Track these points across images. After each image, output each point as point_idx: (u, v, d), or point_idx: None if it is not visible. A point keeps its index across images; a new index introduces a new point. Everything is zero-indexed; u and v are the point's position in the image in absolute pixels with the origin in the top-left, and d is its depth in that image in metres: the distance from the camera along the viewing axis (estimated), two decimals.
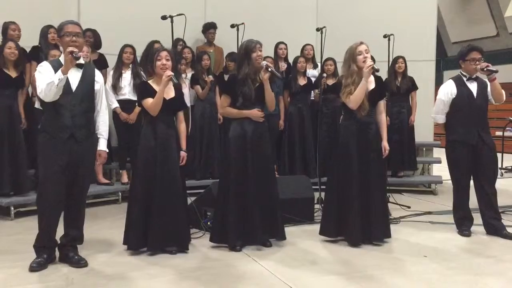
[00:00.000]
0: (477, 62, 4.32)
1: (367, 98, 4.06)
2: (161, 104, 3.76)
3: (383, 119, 4.22)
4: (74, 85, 3.40)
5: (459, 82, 4.43)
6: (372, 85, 4.12)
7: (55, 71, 3.31)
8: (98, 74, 3.59)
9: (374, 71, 4.00)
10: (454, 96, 4.38)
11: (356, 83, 4.04)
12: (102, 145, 3.61)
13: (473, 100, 4.36)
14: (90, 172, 3.62)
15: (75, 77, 3.41)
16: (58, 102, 3.33)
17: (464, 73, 4.44)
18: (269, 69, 3.88)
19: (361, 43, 4.10)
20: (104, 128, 3.61)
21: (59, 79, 3.22)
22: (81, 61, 3.45)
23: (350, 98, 4.02)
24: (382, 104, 4.24)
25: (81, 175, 3.48)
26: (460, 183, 4.44)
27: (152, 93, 3.80)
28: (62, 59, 3.41)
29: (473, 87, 4.39)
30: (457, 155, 4.39)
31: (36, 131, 4.69)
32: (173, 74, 3.75)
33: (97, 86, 3.53)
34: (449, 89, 4.42)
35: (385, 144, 4.15)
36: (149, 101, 3.78)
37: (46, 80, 3.25)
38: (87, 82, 3.46)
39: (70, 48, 3.26)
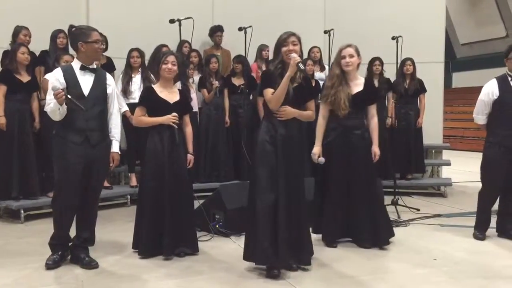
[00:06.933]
0: None
1: (350, 100, 3.98)
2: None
3: (374, 124, 4.11)
4: (86, 89, 3.48)
5: (502, 82, 4.24)
6: (359, 88, 4.07)
7: (68, 77, 3.41)
8: (109, 78, 3.67)
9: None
10: (496, 97, 4.21)
11: (336, 88, 3.98)
12: (115, 147, 3.67)
13: None
14: (104, 175, 3.68)
15: (87, 81, 3.49)
16: (71, 107, 3.38)
17: (509, 73, 4.26)
18: (298, 64, 3.38)
19: (349, 45, 4.04)
20: (116, 130, 3.68)
21: (59, 109, 3.34)
22: (93, 65, 3.55)
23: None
24: (374, 108, 4.13)
25: (95, 177, 3.53)
26: (492, 187, 4.31)
27: (153, 100, 3.81)
28: (74, 64, 3.51)
29: None
30: (494, 158, 4.22)
31: (47, 134, 4.74)
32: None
33: (109, 90, 3.61)
34: (490, 89, 4.24)
35: (375, 149, 4.05)
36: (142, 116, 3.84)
37: (49, 103, 3.37)
38: (100, 86, 3.53)
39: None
